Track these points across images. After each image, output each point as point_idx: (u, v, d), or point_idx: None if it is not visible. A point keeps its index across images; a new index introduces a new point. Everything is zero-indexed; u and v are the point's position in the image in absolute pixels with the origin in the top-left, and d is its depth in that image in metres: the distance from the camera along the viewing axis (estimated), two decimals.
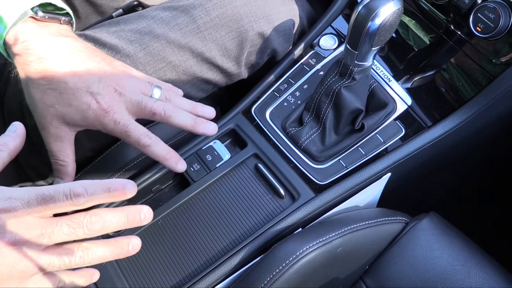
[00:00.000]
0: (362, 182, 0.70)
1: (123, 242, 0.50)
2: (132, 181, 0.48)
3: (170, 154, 0.66)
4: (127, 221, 0.48)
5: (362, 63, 0.66)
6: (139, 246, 0.51)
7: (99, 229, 0.47)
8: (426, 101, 0.73)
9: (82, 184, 0.46)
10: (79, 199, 0.45)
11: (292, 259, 0.60)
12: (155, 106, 0.64)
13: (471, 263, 0.67)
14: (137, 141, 0.63)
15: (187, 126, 0.66)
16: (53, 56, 0.60)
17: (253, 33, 0.77)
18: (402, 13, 0.61)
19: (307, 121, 0.74)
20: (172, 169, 0.67)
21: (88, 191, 0.46)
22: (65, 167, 0.64)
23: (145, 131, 0.64)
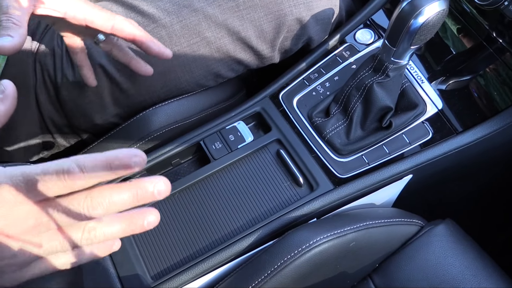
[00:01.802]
0: (383, 180, 0.69)
1: (137, 217, 0.41)
2: (140, 151, 0.38)
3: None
4: (136, 200, 0.39)
5: (398, 60, 0.65)
6: (156, 222, 0.42)
7: (102, 213, 0.39)
8: (458, 107, 0.72)
9: (77, 162, 0.37)
10: (74, 181, 0.37)
11: (305, 247, 0.60)
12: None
13: (482, 274, 0.66)
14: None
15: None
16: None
17: (291, 18, 0.76)
18: (447, 14, 0.60)
19: (334, 113, 0.73)
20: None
21: (85, 170, 0.37)
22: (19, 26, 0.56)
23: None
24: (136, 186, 0.39)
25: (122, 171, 0.38)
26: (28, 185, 0.37)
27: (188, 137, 0.75)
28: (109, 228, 0.40)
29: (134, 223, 0.41)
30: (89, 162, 0.37)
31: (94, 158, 0.37)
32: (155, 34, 0.74)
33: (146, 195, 0.39)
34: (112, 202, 0.39)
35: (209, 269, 0.64)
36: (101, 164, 0.37)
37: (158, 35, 0.74)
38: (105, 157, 0.37)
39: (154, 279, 0.64)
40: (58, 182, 0.37)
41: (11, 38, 0.55)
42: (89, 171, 0.37)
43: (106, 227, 0.40)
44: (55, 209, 0.38)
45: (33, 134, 0.80)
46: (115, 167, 0.37)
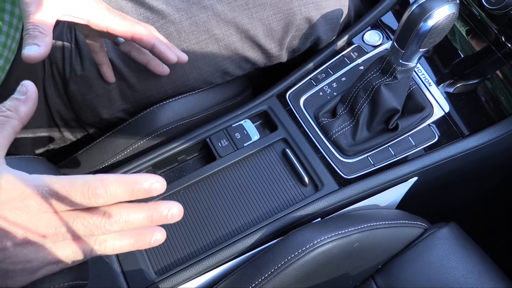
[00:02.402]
0: (388, 182, 0.69)
1: (146, 234, 0.43)
2: (161, 178, 0.40)
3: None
4: (150, 221, 0.42)
5: (406, 63, 0.65)
6: (162, 240, 0.44)
7: (118, 229, 0.41)
8: (465, 110, 0.72)
9: (104, 183, 0.39)
10: (98, 200, 0.39)
11: (308, 246, 0.60)
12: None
13: (485, 278, 0.67)
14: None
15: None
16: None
17: (300, 17, 0.76)
18: (456, 18, 0.60)
19: (341, 113, 0.73)
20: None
21: (108, 192, 0.39)
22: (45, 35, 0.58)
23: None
24: (152, 209, 0.41)
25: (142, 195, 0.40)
26: (52, 196, 0.39)
27: (194, 134, 0.75)
28: (119, 242, 0.43)
29: (142, 239, 0.43)
30: (113, 182, 0.39)
31: (119, 180, 0.39)
32: (164, 30, 0.74)
33: (160, 218, 0.42)
34: (128, 221, 0.41)
35: (213, 266, 0.64)
36: (124, 187, 0.39)
37: (167, 31, 0.75)
38: (129, 181, 0.39)
39: (157, 275, 0.64)
40: (82, 198, 0.39)
41: (37, 47, 0.56)
42: (112, 191, 0.39)
43: (117, 241, 0.42)
44: (74, 221, 0.40)
45: (40, 127, 0.81)
46: (136, 191, 0.40)
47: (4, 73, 0.73)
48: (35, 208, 0.39)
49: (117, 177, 0.40)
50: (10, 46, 0.72)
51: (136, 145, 0.76)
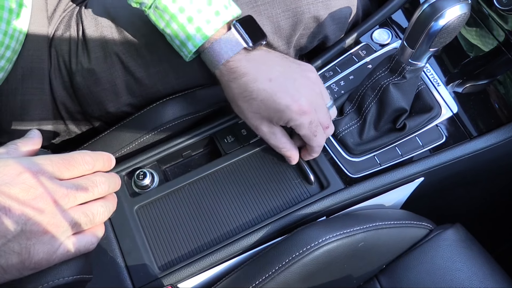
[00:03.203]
0: (394, 182, 0.69)
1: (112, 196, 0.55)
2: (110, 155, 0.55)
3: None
4: (114, 186, 0.54)
5: (416, 62, 0.64)
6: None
7: (106, 189, 0.52)
8: (473, 111, 0.72)
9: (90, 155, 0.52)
10: (87, 166, 0.51)
11: (314, 245, 0.60)
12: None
13: (489, 281, 0.66)
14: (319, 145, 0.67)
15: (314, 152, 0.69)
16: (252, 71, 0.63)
17: (309, 16, 0.76)
18: (468, 17, 0.59)
19: (348, 112, 0.73)
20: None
21: (94, 160, 0.52)
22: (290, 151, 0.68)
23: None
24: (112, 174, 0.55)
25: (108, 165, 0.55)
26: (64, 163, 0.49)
27: (200, 130, 0.75)
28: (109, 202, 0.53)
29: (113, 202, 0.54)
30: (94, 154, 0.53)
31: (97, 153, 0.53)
32: None
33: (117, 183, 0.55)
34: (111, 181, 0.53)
35: (217, 262, 0.64)
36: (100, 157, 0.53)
37: None
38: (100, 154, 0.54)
39: (161, 270, 0.64)
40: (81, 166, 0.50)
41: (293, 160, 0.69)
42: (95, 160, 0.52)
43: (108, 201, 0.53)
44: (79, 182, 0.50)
45: (46, 119, 0.81)
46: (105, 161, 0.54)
47: (11, 64, 0.73)
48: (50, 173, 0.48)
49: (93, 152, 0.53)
50: (17, 37, 0.72)
51: (141, 140, 0.76)
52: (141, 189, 0.70)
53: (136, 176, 0.70)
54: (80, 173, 0.51)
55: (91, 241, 0.51)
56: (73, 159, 0.50)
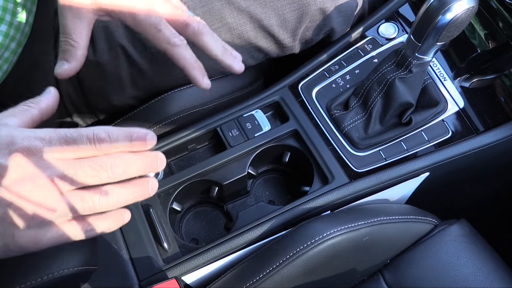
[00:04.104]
0: (399, 176, 0.69)
1: (142, 182, 0.48)
2: (152, 132, 0.47)
3: (198, 64, 0.61)
4: (147, 166, 0.48)
5: (422, 56, 0.64)
6: (156, 186, 0.50)
7: (122, 172, 0.45)
8: (480, 106, 0.71)
9: (105, 130, 0.45)
10: (102, 144, 0.44)
11: (318, 239, 0.60)
12: (191, 18, 0.59)
13: (494, 277, 0.66)
14: (167, 38, 0.58)
15: (215, 52, 0.61)
16: None
17: (314, 8, 0.75)
18: (476, 11, 0.59)
19: (354, 106, 0.72)
20: (196, 82, 0.62)
21: (111, 137, 0.45)
22: (75, 48, 0.57)
23: (177, 33, 0.59)
24: (145, 154, 0.47)
25: (139, 144, 0.46)
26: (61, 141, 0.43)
27: (205, 123, 0.75)
28: (122, 190, 0.46)
29: (140, 187, 0.48)
30: (114, 130, 0.45)
31: (118, 129, 0.45)
32: None
33: (154, 163, 0.48)
34: (130, 163, 0.46)
35: (221, 255, 0.64)
36: (124, 135, 0.45)
37: None
38: (126, 129, 0.46)
39: (166, 262, 0.64)
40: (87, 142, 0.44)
41: (66, 63, 0.57)
42: (114, 137, 0.45)
43: (120, 189, 0.46)
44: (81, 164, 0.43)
45: None
46: (134, 139, 0.46)
47: (16, 56, 0.73)
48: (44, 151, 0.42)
49: (117, 127, 0.46)
50: (23, 29, 0.72)
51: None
52: None
53: None
54: (87, 154, 0.44)
55: (86, 229, 0.46)
56: (79, 135, 0.43)
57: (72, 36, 0.57)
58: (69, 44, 0.57)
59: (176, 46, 0.59)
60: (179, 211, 0.71)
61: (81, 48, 0.58)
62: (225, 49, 0.62)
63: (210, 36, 0.61)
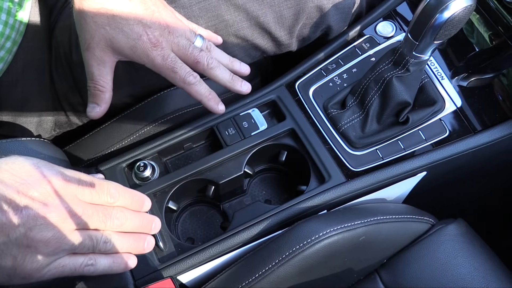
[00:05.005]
0: (396, 176, 0.68)
1: (139, 238, 0.55)
2: (149, 199, 0.56)
3: (212, 95, 0.66)
4: (141, 226, 0.54)
5: (420, 55, 0.64)
6: (152, 245, 0.57)
7: (119, 224, 0.52)
8: (477, 106, 0.71)
9: (116, 188, 0.52)
10: (111, 199, 0.51)
11: (314, 238, 0.59)
12: (200, 56, 0.64)
13: (491, 276, 0.66)
14: (183, 78, 0.63)
15: (224, 82, 0.67)
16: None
17: (312, 5, 0.75)
18: (473, 10, 0.59)
19: (351, 105, 0.72)
20: (212, 110, 0.67)
21: (119, 194, 0.52)
22: (103, 93, 0.64)
23: (190, 70, 0.64)
24: (143, 216, 0.55)
25: (137, 206, 0.55)
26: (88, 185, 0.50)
27: (202, 122, 0.74)
28: (120, 239, 0.52)
29: (137, 241, 0.54)
30: (121, 189, 0.53)
31: (125, 189, 0.54)
32: None
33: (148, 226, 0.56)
34: (128, 219, 0.52)
35: (217, 254, 0.64)
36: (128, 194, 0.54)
37: None
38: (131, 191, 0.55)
39: (161, 261, 0.64)
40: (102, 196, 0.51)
41: (97, 106, 0.64)
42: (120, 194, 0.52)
43: (118, 238, 0.52)
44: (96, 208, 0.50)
45: (47, 110, 0.80)
46: (135, 200, 0.54)
47: (12, 55, 0.72)
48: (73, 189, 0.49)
49: (125, 187, 0.54)
50: (18, 28, 0.71)
51: (142, 131, 0.76)
52: (141, 181, 0.70)
53: (137, 167, 0.69)
54: (100, 202, 0.51)
55: (87, 263, 0.50)
56: (100, 185, 0.50)
57: (100, 82, 0.63)
58: (98, 89, 0.63)
59: (192, 84, 0.64)
60: (175, 210, 0.70)
61: (108, 91, 0.64)
62: (232, 77, 0.67)
63: (218, 69, 0.66)
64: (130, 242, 0.53)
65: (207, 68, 0.65)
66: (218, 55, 0.68)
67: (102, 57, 0.62)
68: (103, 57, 0.62)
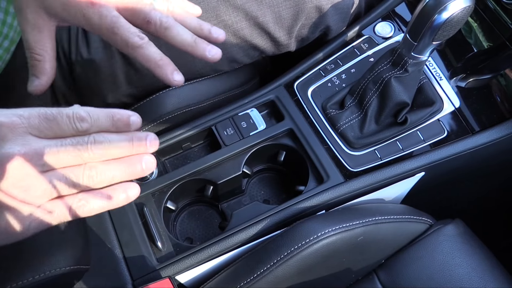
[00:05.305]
0: (394, 176, 0.68)
1: (135, 159, 0.45)
2: (136, 113, 0.46)
3: (164, 61, 0.55)
4: (132, 146, 0.45)
5: (418, 56, 0.64)
6: (153, 164, 0.46)
7: (102, 152, 0.43)
8: (475, 106, 0.71)
9: (85, 109, 0.43)
10: (82, 124, 0.42)
11: (312, 238, 0.59)
12: (152, 14, 0.54)
13: (488, 277, 0.66)
14: (125, 40, 0.53)
15: (184, 45, 0.56)
16: None
17: (311, 6, 0.75)
18: (472, 11, 0.59)
19: (349, 105, 0.72)
20: (165, 80, 0.56)
21: (91, 116, 0.43)
22: (41, 62, 0.55)
23: (136, 30, 0.54)
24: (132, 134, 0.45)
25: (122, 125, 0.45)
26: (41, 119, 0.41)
27: (200, 122, 0.74)
28: (109, 167, 0.43)
29: (132, 165, 0.45)
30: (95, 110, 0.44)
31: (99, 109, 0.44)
32: None
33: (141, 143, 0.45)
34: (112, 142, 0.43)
35: (215, 254, 0.64)
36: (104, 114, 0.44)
37: None
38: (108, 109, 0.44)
39: (159, 261, 0.64)
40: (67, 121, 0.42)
41: (36, 79, 0.55)
42: (94, 116, 0.43)
43: (106, 166, 0.43)
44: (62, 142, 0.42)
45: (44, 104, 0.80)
46: (116, 119, 0.44)
47: (10, 54, 0.72)
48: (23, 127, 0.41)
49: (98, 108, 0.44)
50: (16, 27, 0.71)
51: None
52: (140, 181, 0.70)
53: None
54: (67, 132, 0.42)
55: (72, 207, 0.43)
56: (59, 113, 0.42)
57: (36, 50, 0.55)
58: (35, 59, 0.55)
59: (136, 47, 0.54)
60: (173, 210, 0.70)
61: (48, 61, 0.56)
62: (195, 39, 0.57)
63: (175, 29, 0.56)
64: (122, 168, 0.44)
65: (160, 28, 0.54)
66: (182, 16, 0.58)
67: (35, 21, 0.54)
68: (36, 20, 0.54)
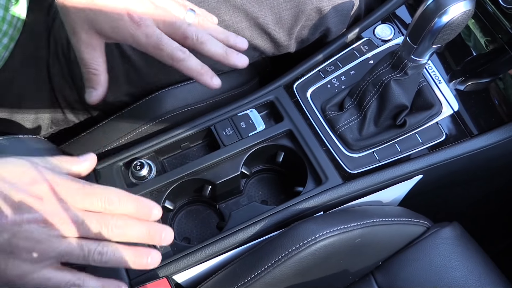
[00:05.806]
0: (393, 178, 0.69)
1: (142, 252, 0.49)
2: (159, 207, 0.50)
3: (205, 69, 0.63)
4: (148, 236, 0.49)
5: (418, 59, 0.64)
6: (157, 261, 0.50)
7: (119, 234, 0.48)
8: (474, 110, 0.71)
9: (117, 194, 0.48)
10: (111, 206, 0.48)
11: (310, 240, 0.59)
12: (188, 30, 0.61)
13: (485, 280, 0.66)
14: (170, 55, 0.60)
15: (217, 56, 0.63)
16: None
17: (311, 7, 0.75)
18: (472, 14, 0.59)
19: (348, 107, 0.72)
20: (206, 84, 0.64)
21: (120, 202, 0.48)
22: (97, 76, 0.62)
23: (178, 45, 0.61)
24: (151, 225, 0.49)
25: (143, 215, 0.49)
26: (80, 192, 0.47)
27: (199, 122, 0.74)
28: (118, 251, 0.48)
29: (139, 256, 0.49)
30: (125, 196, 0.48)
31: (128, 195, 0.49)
32: None
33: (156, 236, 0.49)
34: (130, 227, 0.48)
35: (213, 255, 0.64)
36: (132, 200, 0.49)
37: None
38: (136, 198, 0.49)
39: None
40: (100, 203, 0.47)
41: (94, 90, 0.63)
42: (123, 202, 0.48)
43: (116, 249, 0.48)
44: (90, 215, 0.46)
45: (44, 107, 0.80)
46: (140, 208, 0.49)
47: (8, 51, 0.72)
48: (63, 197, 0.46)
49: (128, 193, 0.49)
50: (15, 24, 0.71)
51: (139, 130, 0.76)
52: (138, 180, 0.70)
53: (134, 166, 0.69)
54: (95, 208, 0.47)
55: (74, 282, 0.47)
56: (92, 190, 0.47)
57: (92, 65, 0.62)
58: (91, 73, 0.62)
59: (181, 60, 0.61)
60: (171, 210, 0.70)
61: (102, 74, 0.63)
62: (226, 50, 0.64)
63: (209, 43, 0.62)
64: (130, 255, 0.48)
65: (196, 42, 0.61)
66: (212, 29, 0.65)
67: (89, 41, 0.60)
68: (90, 40, 0.60)
